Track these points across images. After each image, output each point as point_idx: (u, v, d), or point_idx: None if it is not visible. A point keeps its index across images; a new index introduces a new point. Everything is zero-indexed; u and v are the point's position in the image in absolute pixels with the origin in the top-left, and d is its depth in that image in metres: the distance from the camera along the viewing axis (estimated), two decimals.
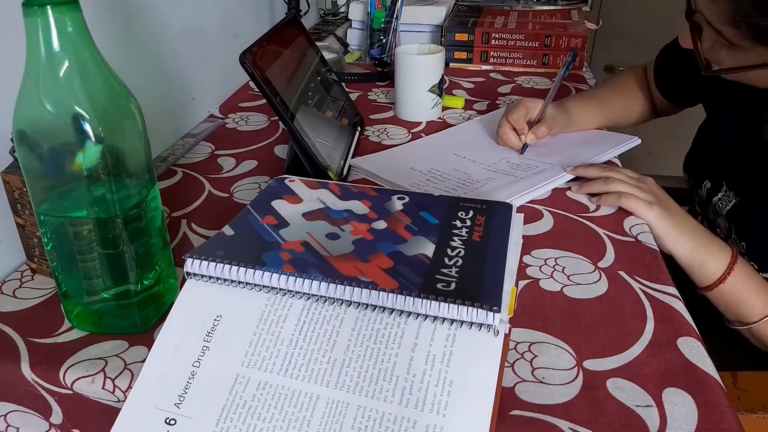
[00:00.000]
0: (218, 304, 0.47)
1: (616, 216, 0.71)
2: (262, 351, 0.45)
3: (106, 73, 0.46)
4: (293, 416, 0.42)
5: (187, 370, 0.44)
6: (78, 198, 0.47)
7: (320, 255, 0.48)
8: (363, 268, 0.47)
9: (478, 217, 0.54)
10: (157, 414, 0.43)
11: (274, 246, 0.49)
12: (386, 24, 1.28)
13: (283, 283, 0.46)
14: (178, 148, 0.89)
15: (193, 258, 0.47)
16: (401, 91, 0.98)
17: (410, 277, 0.46)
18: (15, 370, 0.50)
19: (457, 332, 0.43)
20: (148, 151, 0.50)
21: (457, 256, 0.48)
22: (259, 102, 1.08)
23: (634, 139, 0.85)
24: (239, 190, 0.78)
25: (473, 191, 0.74)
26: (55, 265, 0.51)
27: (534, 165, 0.80)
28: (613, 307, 0.56)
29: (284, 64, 0.76)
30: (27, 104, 0.44)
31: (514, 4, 1.43)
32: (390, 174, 0.79)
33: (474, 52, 1.25)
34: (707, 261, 0.68)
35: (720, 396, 0.46)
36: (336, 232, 0.52)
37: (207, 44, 1.00)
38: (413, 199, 0.57)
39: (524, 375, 0.49)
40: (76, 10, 0.43)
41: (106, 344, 0.52)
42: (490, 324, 0.42)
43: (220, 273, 0.47)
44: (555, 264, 0.62)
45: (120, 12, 0.78)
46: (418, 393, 0.42)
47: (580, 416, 0.45)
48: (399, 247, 0.50)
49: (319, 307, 0.46)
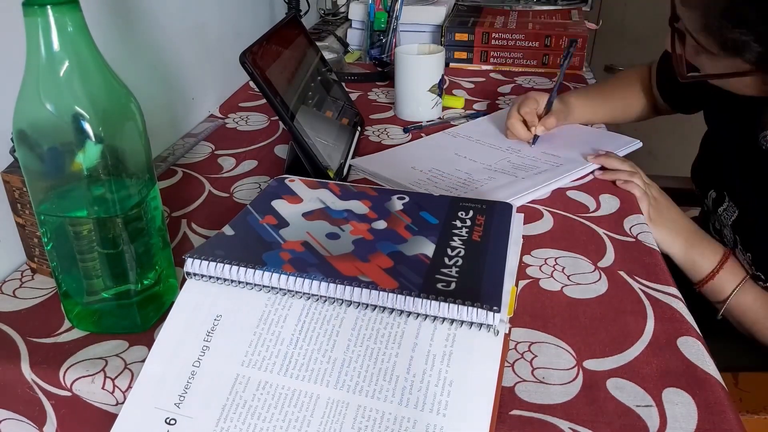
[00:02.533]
0: (218, 304, 0.47)
1: (616, 216, 0.71)
2: (262, 351, 0.45)
3: (106, 72, 0.46)
4: (293, 416, 0.42)
5: (188, 370, 0.44)
6: (78, 198, 0.47)
7: (320, 255, 0.48)
8: (363, 268, 0.47)
9: (478, 217, 0.54)
10: (157, 414, 0.43)
11: (274, 246, 0.49)
12: (386, 24, 1.28)
13: (283, 283, 0.46)
14: (178, 148, 0.89)
15: (193, 258, 0.47)
16: (401, 90, 0.98)
17: (410, 277, 0.46)
18: (15, 370, 0.50)
19: (457, 332, 0.43)
20: (148, 150, 0.50)
21: (457, 255, 0.48)
22: (259, 102, 1.08)
23: (635, 141, 0.86)
24: (239, 190, 0.78)
25: (474, 191, 0.74)
26: (55, 264, 0.51)
27: (535, 165, 0.80)
28: (613, 307, 0.56)
29: (284, 64, 0.76)
30: (27, 104, 0.44)
31: (514, 4, 1.43)
32: (390, 173, 0.79)
33: (474, 52, 1.25)
34: (699, 260, 0.73)
35: (720, 396, 0.46)
36: (336, 232, 0.52)
37: (207, 44, 1.00)
38: (413, 198, 0.57)
39: (524, 375, 0.49)
40: (76, 10, 0.43)
41: (106, 344, 0.52)
42: (490, 324, 0.42)
43: (220, 273, 0.47)
44: (555, 264, 0.62)
45: (120, 12, 0.78)
46: (418, 393, 0.42)
47: (580, 416, 0.45)
48: (399, 247, 0.50)
49: (319, 306, 0.46)
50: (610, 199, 0.74)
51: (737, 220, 0.78)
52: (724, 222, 0.81)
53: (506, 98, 1.08)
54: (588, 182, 0.78)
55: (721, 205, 0.81)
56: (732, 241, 0.79)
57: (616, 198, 0.74)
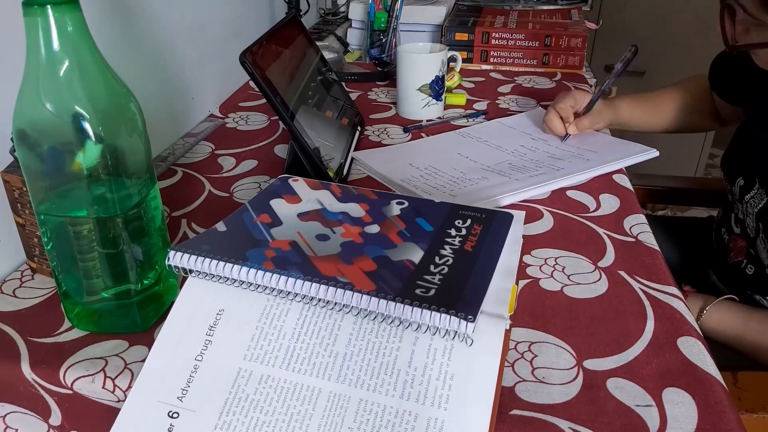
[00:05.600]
0: (220, 299, 0.47)
1: (616, 216, 0.71)
2: (265, 345, 0.45)
3: (106, 72, 0.46)
4: (295, 410, 0.42)
5: (190, 364, 0.45)
6: (78, 197, 0.47)
7: (305, 255, 0.48)
8: (344, 270, 0.46)
9: (474, 227, 0.53)
10: (160, 407, 0.43)
11: (261, 244, 0.49)
12: (386, 24, 1.28)
13: (260, 279, 0.45)
14: (178, 148, 0.89)
15: (176, 251, 0.47)
16: (403, 89, 0.98)
17: (390, 282, 0.45)
18: (15, 369, 0.50)
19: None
20: (148, 150, 0.50)
21: (444, 264, 0.47)
22: (259, 102, 1.08)
23: (651, 150, 0.84)
24: (239, 189, 0.78)
25: (462, 188, 0.75)
26: (55, 264, 0.51)
27: (536, 168, 0.80)
28: (613, 307, 0.56)
29: (284, 64, 0.76)
30: (27, 104, 0.44)
31: (514, 3, 1.43)
32: (386, 169, 0.80)
33: (474, 51, 1.25)
34: None
35: (720, 395, 0.46)
36: (327, 233, 0.51)
37: (207, 44, 1.00)
38: (412, 204, 0.56)
39: (524, 375, 0.49)
40: (76, 10, 0.43)
41: (106, 344, 0.52)
42: (463, 333, 0.41)
43: (200, 267, 0.46)
44: (555, 264, 0.62)
45: (120, 12, 0.78)
46: (419, 386, 0.42)
47: (580, 416, 0.45)
48: (387, 251, 0.49)
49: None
50: (610, 199, 0.74)
51: (765, 208, 0.78)
52: (749, 210, 0.81)
53: (506, 98, 1.08)
54: (588, 182, 0.78)
55: (749, 193, 0.81)
56: (755, 230, 0.80)
57: (616, 198, 0.74)
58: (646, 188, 1.12)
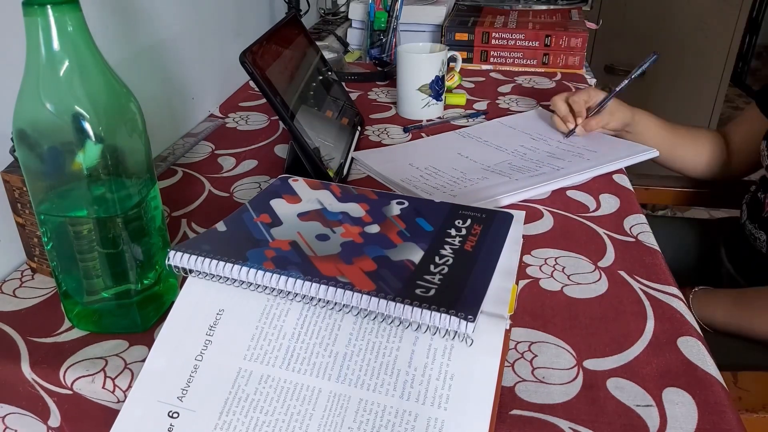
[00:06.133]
0: (220, 299, 0.47)
1: (616, 216, 0.71)
2: (265, 345, 0.45)
3: (106, 72, 0.46)
4: (295, 409, 0.42)
5: (190, 364, 0.45)
6: (78, 197, 0.47)
7: (305, 255, 0.48)
8: (344, 270, 0.46)
9: (474, 227, 0.53)
10: (160, 407, 0.43)
11: (261, 244, 0.49)
12: (386, 24, 1.28)
13: (260, 279, 0.45)
14: (178, 148, 0.89)
15: (176, 251, 0.47)
16: (403, 89, 0.98)
17: (390, 282, 0.45)
18: (15, 369, 0.50)
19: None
20: (148, 150, 0.50)
21: (444, 264, 0.47)
22: (259, 102, 1.08)
23: (651, 150, 0.84)
24: (239, 189, 0.78)
25: (462, 188, 0.75)
26: (55, 264, 0.51)
27: (536, 168, 0.80)
28: (613, 307, 0.56)
29: (284, 64, 0.76)
30: (27, 104, 0.44)
31: (514, 3, 1.43)
32: (386, 169, 0.80)
33: (474, 51, 1.25)
34: None
35: (720, 395, 0.46)
36: (327, 233, 0.51)
37: (207, 44, 1.00)
38: (412, 204, 0.56)
39: (524, 375, 0.49)
40: (76, 10, 0.43)
41: (106, 344, 0.52)
42: (463, 332, 0.42)
43: (200, 267, 0.46)
44: (555, 264, 0.62)
45: (120, 12, 0.78)
46: (419, 386, 0.42)
47: (580, 416, 0.45)
48: (387, 251, 0.49)
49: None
50: (610, 199, 0.74)
51: None
52: None
53: (506, 98, 1.08)
54: (588, 182, 0.78)
55: None
56: None
57: (616, 198, 0.74)
58: (646, 188, 1.12)
